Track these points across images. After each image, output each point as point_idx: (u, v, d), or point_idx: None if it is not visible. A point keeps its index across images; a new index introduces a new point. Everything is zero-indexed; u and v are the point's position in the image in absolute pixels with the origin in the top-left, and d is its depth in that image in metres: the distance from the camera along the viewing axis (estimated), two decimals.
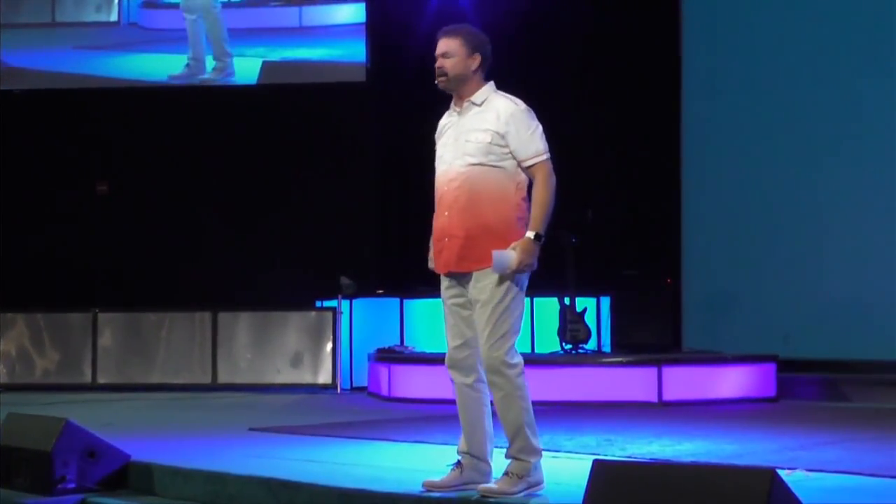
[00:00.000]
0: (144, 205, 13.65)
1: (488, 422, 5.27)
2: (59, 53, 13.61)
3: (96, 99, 13.67)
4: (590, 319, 11.18)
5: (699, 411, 9.18)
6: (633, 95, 12.87)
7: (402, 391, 10.40)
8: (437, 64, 5.17)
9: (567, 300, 11.01)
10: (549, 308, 11.52)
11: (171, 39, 13.55)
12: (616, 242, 12.54)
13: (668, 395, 9.83)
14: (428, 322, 12.13)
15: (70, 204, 13.80)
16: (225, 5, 13.45)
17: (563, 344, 10.95)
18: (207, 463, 6.02)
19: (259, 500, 5.53)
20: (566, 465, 5.98)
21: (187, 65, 13.36)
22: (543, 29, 13.08)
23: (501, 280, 5.08)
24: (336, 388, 11.40)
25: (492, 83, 5.23)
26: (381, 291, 12.29)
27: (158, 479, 6.03)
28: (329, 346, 11.49)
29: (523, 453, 5.06)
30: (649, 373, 9.91)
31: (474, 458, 5.25)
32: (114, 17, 13.56)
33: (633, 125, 12.89)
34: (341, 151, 13.32)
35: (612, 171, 12.94)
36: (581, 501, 4.20)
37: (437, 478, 5.23)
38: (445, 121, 5.32)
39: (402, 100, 12.89)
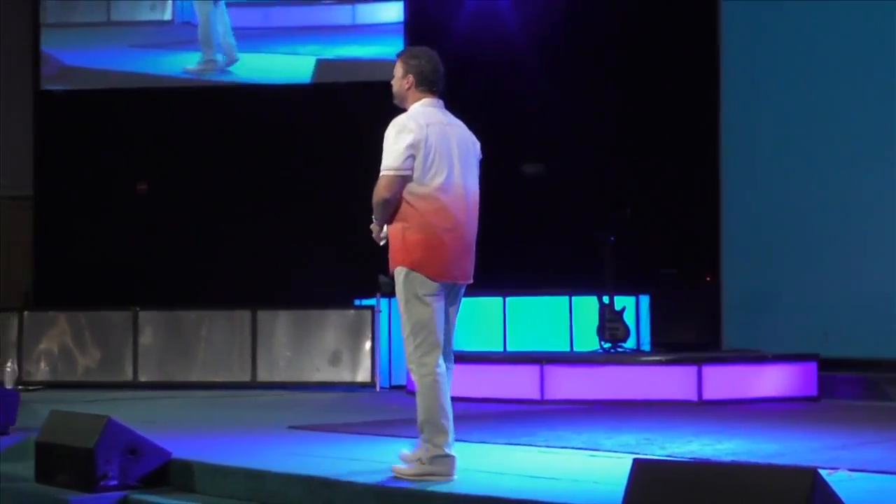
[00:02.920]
0: (184, 204, 13.73)
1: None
2: (114, 52, 13.76)
3: (137, 98, 13.78)
4: (629, 318, 11.15)
5: (739, 410, 9.13)
6: (672, 93, 12.83)
7: None
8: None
9: (606, 299, 10.99)
10: (587, 306, 11.51)
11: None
12: (655, 240, 12.50)
13: (708, 394, 9.78)
14: (466, 321, 12.12)
15: (111, 203, 13.91)
16: (278, 3, 13.52)
17: (602, 342, 10.93)
18: (247, 461, 6.04)
19: (298, 497, 5.54)
20: (606, 464, 5.96)
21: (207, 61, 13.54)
22: (581, 27, 13.05)
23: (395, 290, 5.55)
24: (375, 386, 11.42)
25: (425, 101, 5.65)
26: None
27: (199, 477, 6.06)
28: (368, 344, 11.51)
29: (426, 444, 5.43)
30: (689, 371, 9.87)
31: None
32: (168, 16, 13.69)
33: (672, 123, 12.84)
34: (374, 149, 13.35)
35: (650, 168, 12.89)
36: (621, 500, 4.19)
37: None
38: None
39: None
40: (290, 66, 13.56)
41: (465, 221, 5.56)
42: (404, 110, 5.67)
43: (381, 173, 5.49)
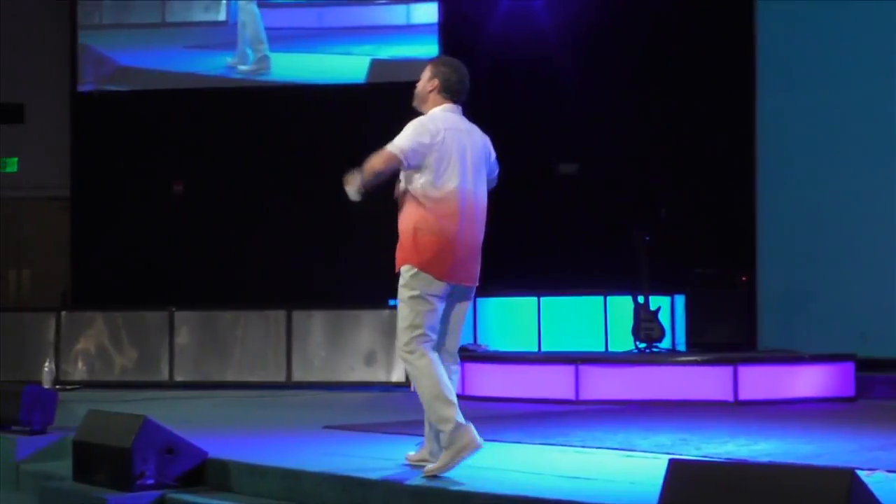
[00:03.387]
0: (221, 204, 13.78)
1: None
2: (169, 53, 13.84)
3: (174, 99, 13.84)
4: (664, 318, 11.11)
5: (776, 411, 9.08)
6: (706, 90, 12.77)
7: (475, 389, 10.41)
8: None
9: (641, 298, 10.96)
10: (622, 306, 11.48)
11: (279, 38, 13.70)
12: (690, 240, 12.45)
13: (744, 395, 9.74)
14: (501, 320, 12.15)
15: (147, 204, 13.98)
16: (333, 3, 13.58)
17: (637, 343, 10.90)
18: (283, 460, 6.07)
19: (334, 497, 5.56)
20: (641, 465, 5.95)
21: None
22: (615, 27, 13.02)
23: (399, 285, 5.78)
24: (410, 386, 11.32)
25: (445, 106, 5.85)
26: None
27: (235, 476, 6.09)
28: None
29: (440, 424, 5.54)
30: (725, 372, 9.82)
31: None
32: (222, 17, 13.76)
33: (706, 121, 12.79)
34: None
35: (685, 167, 12.84)
36: (657, 501, 4.17)
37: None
38: None
39: (472, 97, 12.88)
40: (345, 66, 13.52)
41: (473, 227, 5.74)
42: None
43: (386, 147, 5.67)
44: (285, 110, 13.60)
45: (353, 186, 5.75)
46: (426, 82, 5.87)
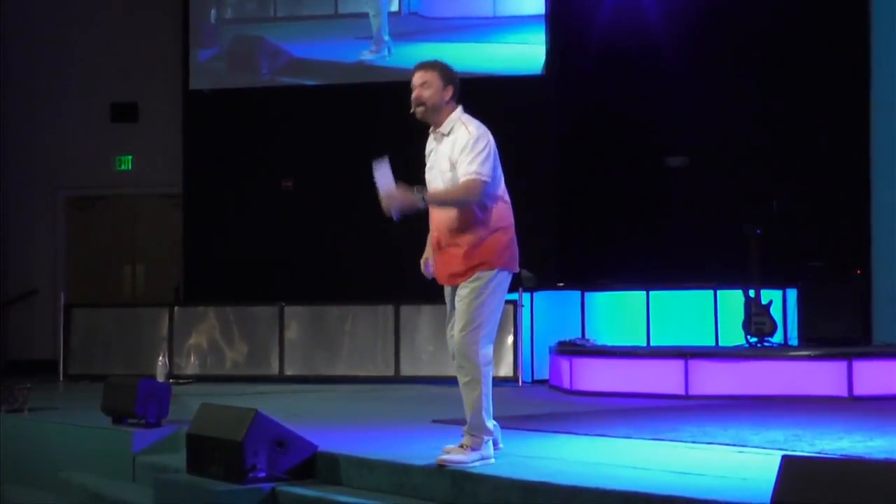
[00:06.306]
0: (329, 200, 13.90)
1: None
2: (340, 44, 14.00)
3: (287, 96, 14.00)
4: (775, 312, 10.95)
5: (892, 407, 8.90)
6: (820, 83, 12.56)
7: (583, 384, 10.37)
8: (415, 94, 5.86)
9: (752, 292, 10.82)
10: (733, 300, 11.34)
11: (451, 28, 13.69)
12: (802, 233, 12.25)
13: (859, 390, 9.56)
14: (609, 315, 12.07)
15: (257, 200, 14.16)
16: None
17: (749, 337, 10.77)
18: (392, 454, 6.10)
19: (443, 491, 5.58)
20: (753, 460, 5.87)
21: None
22: (728, 19, 12.86)
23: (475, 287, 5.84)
24: (517, 380, 11.43)
25: (460, 108, 5.87)
26: (561, 284, 12.25)
27: (344, 470, 6.14)
28: (510, 338, 11.52)
29: (478, 431, 5.73)
30: (839, 367, 9.65)
31: None
32: (395, 7, 13.86)
33: (819, 113, 12.58)
34: (520, 143, 13.32)
35: (797, 159, 12.64)
36: (770, 497, 4.12)
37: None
38: (430, 145, 6.02)
39: (581, 90, 12.80)
40: (521, 56, 13.37)
41: None
42: (421, 120, 5.86)
43: (473, 176, 5.65)
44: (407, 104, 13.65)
45: (401, 206, 5.74)
46: (441, 91, 5.80)
